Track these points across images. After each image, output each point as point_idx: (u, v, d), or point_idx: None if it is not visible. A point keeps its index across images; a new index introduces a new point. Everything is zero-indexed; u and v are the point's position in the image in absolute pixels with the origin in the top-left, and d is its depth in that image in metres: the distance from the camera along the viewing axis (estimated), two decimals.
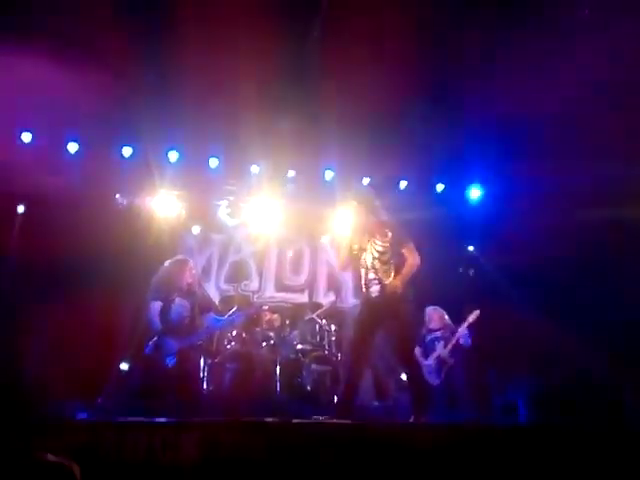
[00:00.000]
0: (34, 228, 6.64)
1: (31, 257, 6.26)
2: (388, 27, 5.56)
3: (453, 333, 6.03)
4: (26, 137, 6.87)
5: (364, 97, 6.27)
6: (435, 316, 6.20)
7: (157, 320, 4.99)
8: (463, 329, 5.96)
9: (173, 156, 7.28)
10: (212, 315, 5.49)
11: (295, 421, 3.38)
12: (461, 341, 5.94)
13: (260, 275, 8.01)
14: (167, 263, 5.34)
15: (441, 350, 5.97)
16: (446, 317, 6.21)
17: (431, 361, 6.01)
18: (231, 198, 7.81)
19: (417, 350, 6.08)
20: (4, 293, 6.10)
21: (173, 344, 5.00)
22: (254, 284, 7.93)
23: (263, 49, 5.55)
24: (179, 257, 5.59)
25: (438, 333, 6.12)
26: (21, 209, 6.87)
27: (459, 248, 8.09)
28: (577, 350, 6.13)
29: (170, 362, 5.03)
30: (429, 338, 6.15)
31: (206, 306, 5.55)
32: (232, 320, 5.85)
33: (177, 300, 5.08)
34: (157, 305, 5.02)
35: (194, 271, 5.42)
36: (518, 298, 6.89)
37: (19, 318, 6.21)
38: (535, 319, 6.54)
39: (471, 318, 5.97)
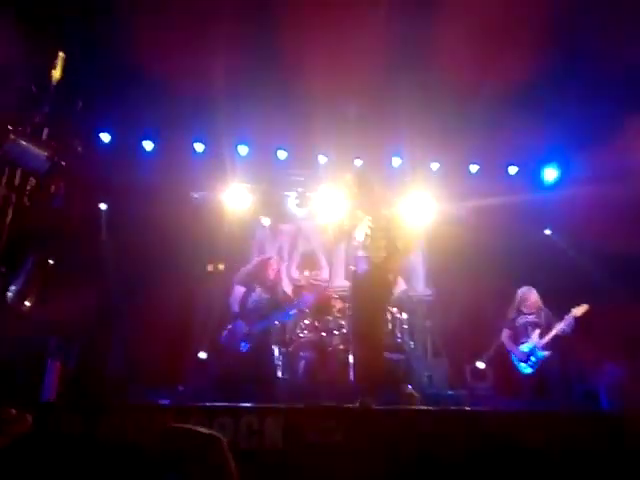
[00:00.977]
0: (116, 225, 6.98)
1: (116, 251, 6.58)
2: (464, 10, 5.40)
3: (548, 319, 5.75)
4: (105, 137, 7.20)
5: (431, 81, 6.16)
6: (531, 298, 5.88)
7: (236, 304, 5.26)
8: (567, 322, 5.61)
9: (243, 150, 7.42)
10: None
11: (376, 407, 3.38)
12: (560, 333, 5.62)
13: (330, 265, 8.05)
14: (255, 259, 5.65)
15: (537, 339, 5.69)
16: (540, 300, 5.90)
17: (523, 349, 5.76)
18: (299, 189, 7.87)
19: (505, 333, 5.89)
20: (94, 283, 6.45)
21: (244, 327, 5.19)
22: (324, 274, 7.97)
23: (328, 39, 5.54)
24: (265, 255, 5.88)
25: (532, 317, 5.82)
26: (103, 206, 7.21)
27: (535, 232, 7.80)
28: None
29: (244, 347, 5.20)
30: (522, 322, 5.87)
31: (286, 301, 5.74)
32: (298, 306, 5.91)
33: (258, 290, 5.33)
34: (240, 290, 5.29)
35: (276, 267, 5.64)
36: (600, 282, 6.57)
37: (106, 309, 6.55)
38: (617, 304, 6.20)
39: (578, 312, 5.59)
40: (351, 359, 6.07)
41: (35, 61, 4.15)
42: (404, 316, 6.94)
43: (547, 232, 7.88)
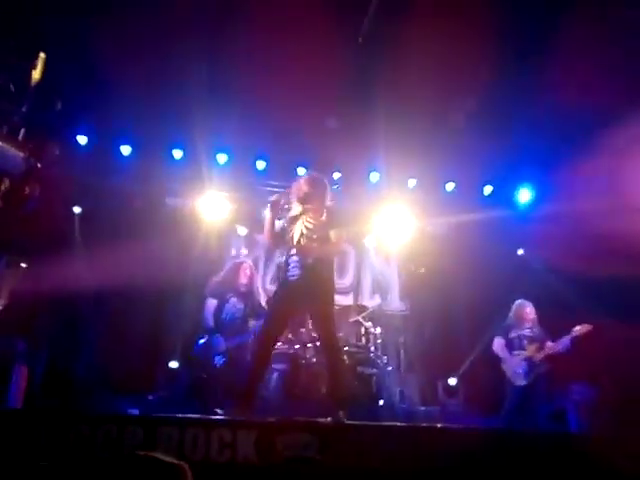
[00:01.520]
0: (89, 229, 6.86)
1: (88, 256, 6.47)
2: (438, 27, 5.50)
3: (541, 335, 5.77)
4: (82, 140, 7.10)
5: (411, 98, 6.23)
6: (528, 311, 5.89)
7: (210, 318, 5.13)
8: (567, 340, 5.62)
9: (222, 158, 7.39)
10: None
11: (348, 422, 3.38)
12: (559, 350, 5.63)
13: None
14: (226, 265, 5.51)
15: (533, 353, 5.66)
16: (535, 316, 5.90)
17: (518, 360, 5.73)
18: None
19: (499, 342, 5.88)
20: (65, 290, 6.32)
21: (222, 343, 5.08)
22: None
23: (313, 49, 5.57)
24: (237, 260, 5.74)
25: (527, 331, 5.82)
26: (77, 210, 7.08)
27: (509, 252, 7.93)
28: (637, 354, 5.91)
29: (219, 362, 5.11)
30: (516, 334, 5.85)
31: (262, 309, 5.62)
32: None
33: (232, 300, 5.20)
34: (213, 303, 5.16)
35: (249, 272, 5.51)
36: (572, 302, 6.69)
37: (77, 314, 6.42)
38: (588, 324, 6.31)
39: (579, 332, 5.60)
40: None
41: (14, 60, 4.07)
42: (378, 330, 6.96)
43: (520, 252, 8.01)
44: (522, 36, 5.66)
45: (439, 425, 3.94)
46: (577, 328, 5.61)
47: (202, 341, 5.26)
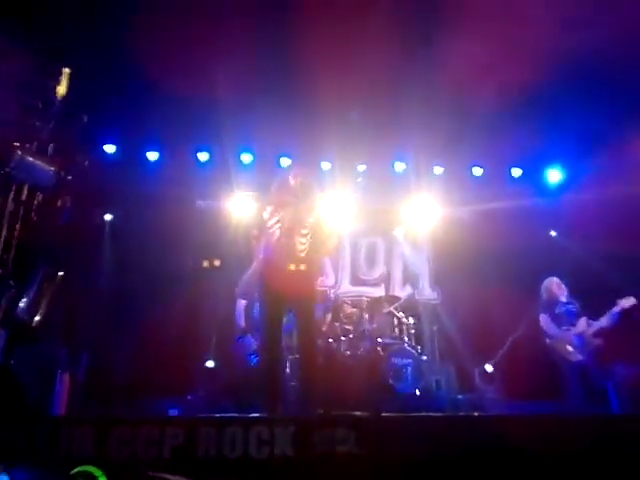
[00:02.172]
0: (121, 236, 7.01)
1: (121, 262, 6.61)
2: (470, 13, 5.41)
3: (580, 309, 5.73)
4: (109, 149, 7.26)
5: (434, 86, 6.17)
6: (563, 287, 5.84)
7: (241, 318, 5.17)
8: (614, 313, 5.56)
9: (247, 158, 7.45)
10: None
11: (385, 414, 3.39)
12: (606, 325, 5.58)
13: (336, 270, 8.06)
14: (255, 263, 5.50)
15: (584, 328, 5.60)
16: (566, 289, 5.86)
17: (569, 335, 5.64)
18: None
19: (545, 319, 5.79)
20: (100, 294, 6.49)
21: (252, 342, 5.13)
22: (330, 279, 7.98)
23: (332, 44, 5.56)
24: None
25: (571, 306, 5.77)
26: (108, 217, 7.25)
27: (540, 234, 7.79)
28: None
29: (254, 361, 5.17)
30: (563, 309, 5.78)
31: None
32: None
33: None
34: (242, 303, 5.20)
35: None
36: (607, 283, 6.54)
37: (112, 318, 6.58)
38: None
39: (626, 304, 5.54)
40: (358, 365, 6.17)
41: (40, 77, 4.18)
42: (411, 321, 6.97)
43: (552, 233, 7.87)
44: (555, 20, 5.51)
45: (476, 414, 3.91)
46: (622, 301, 5.53)
47: (236, 342, 5.33)
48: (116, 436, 2.88)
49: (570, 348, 5.54)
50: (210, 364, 6.61)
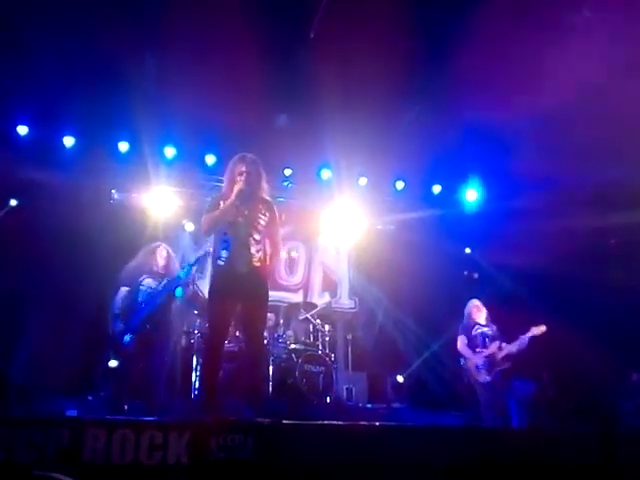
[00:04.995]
0: (28, 221, 6.58)
1: (24, 250, 6.21)
2: (385, 27, 5.52)
3: (496, 333, 5.89)
4: (22, 130, 6.82)
5: (362, 96, 6.24)
6: (482, 310, 6.00)
7: (118, 304, 4.94)
8: (524, 340, 5.73)
9: (170, 152, 7.23)
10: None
11: (285, 422, 3.32)
12: (517, 350, 5.75)
13: None
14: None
15: (495, 351, 5.77)
16: (486, 312, 6.03)
17: (480, 357, 5.80)
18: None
19: (462, 340, 5.92)
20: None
21: (120, 326, 4.92)
22: None
23: (264, 46, 5.53)
24: (153, 244, 5.43)
25: (487, 329, 5.92)
26: (14, 202, 6.79)
27: (457, 250, 8.06)
28: (576, 351, 6.08)
29: (126, 340, 4.92)
30: (478, 332, 5.93)
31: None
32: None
33: (146, 281, 4.98)
34: (123, 291, 4.97)
35: (165, 254, 5.22)
36: (518, 299, 6.83)
37: (11, 313, 6.17)
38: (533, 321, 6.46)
39: (536, 332, 5.72)
40: (270, 370, 6.10)
41: None
42: (327, 328, 6.98)
43: (467, 250, 8.15)
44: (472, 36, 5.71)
45: (377, 423, 3.93)
46: (534, 329, 5.74)
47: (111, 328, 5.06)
48: None
49: (479, 369, 5.75)
50: (113, 364, 6.29)
